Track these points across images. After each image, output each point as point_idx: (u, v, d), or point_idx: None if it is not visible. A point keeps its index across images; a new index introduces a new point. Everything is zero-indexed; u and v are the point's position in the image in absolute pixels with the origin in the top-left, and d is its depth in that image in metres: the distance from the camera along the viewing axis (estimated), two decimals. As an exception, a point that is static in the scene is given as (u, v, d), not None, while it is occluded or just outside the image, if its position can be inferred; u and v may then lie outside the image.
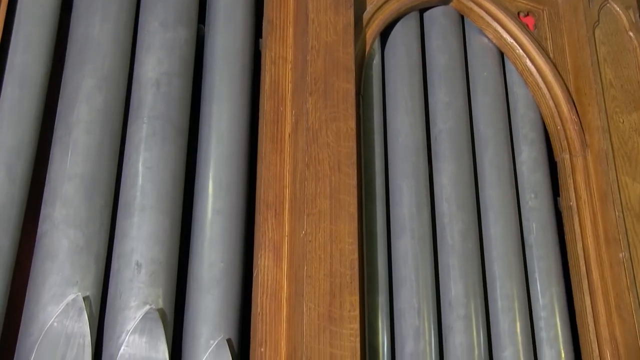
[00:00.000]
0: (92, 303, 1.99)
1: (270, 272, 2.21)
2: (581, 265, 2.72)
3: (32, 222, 2.10)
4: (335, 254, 2.17)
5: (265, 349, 2.11)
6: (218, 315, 2.15)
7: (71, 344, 1.90)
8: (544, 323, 2.65)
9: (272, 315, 2.16)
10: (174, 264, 2.16)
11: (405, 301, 2.44)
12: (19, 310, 1.99)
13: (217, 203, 2.29)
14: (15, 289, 2.01)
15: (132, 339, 1.97)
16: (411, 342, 2.39)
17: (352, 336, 2.08)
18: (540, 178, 2.86)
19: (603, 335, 2.60)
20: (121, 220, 2.15)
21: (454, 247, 2.58)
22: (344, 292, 2.13)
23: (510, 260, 2.65)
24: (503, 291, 2.60)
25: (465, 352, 2.45)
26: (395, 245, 2.53)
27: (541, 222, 2.79)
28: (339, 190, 2.27)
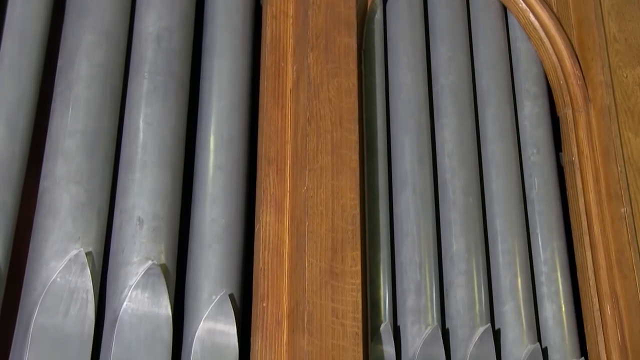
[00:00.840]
0: (95, 259, 2.00)
1: (271, 227, 2.22)
2: (583, 220, 2.72)
3: (34, 178, 2.10)
4: (337, 209, 2.18)
5: (267, 303, 2.12)
6: (220, 271, 2.16)
7: (74, 299, 1.91)
8: (545, 278, 2.66)
9: (274, 270, 2.17)
10: (175, 220, 2.16)
11: (406, 256, 2.45)
12: (22, 266, 2.00)
13: (219, 159, 2.29)
14: (18, 244, 2.01)
15: (134, 294, 1.98)
16: (412, 297, 2.40)
17: (353, 291, 2.09)
18: (542, 133, 2.86)
19: (604, 290, 2.61)
20: (123, 176, 2.15)
21: (456, 203, 2.59)
22: (345, 248, 2.14)
23: (511, 216, 2.66)
24: (504, 246, 2.61)
25: (466, 306, 2.46)
26: (397, 201, 2.53)
27: (543, 177, 2.79)
28: (340, 145, 2.26)
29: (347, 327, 2.04)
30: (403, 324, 2.38)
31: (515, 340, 2.49)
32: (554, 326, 2.60)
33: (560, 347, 2.57)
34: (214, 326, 2.07)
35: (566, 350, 2.57)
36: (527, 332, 2.51)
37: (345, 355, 2.01)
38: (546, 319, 2.61)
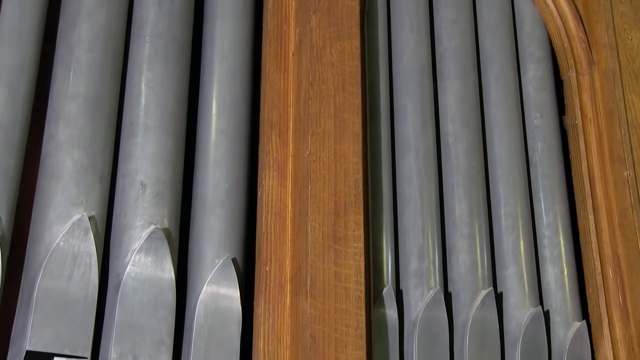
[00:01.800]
0: (98, 223, 2.01)
1: (274, 191, 2.21)
2: (585, 183, 2.72)
3: (36, 142, 2.10)
4: (340, 173, 2.17)
5: (270, 267, 2.13)
6: (223, 235, 2.16)
7: (78, 262, 1.91)
8: (548, 241, 2.67)
9: (277, 234, 2.17)
10: (178, 184, 2.16)
11: (409, 220, 2.45)
12: (26, 230, 2.01)
13: (221, 123, 2.28)
14: (21, 208, 2.01)
15: (137, 258, 1.98)
16: (415, 261, 2.41)
17: (356, 255, 2.10)
18: (546, 97, 2.84)
19: (606, 253, 2.62)
20: (125, 141, 2.15)
21: (459, 166, 2.58)
22: (348, 212, 2.14)
23: (514, 179, 2.65)
24: (507, 210, 2.61)
25: (469, 270, 2.47)
26: (400, 165, 2.53)
27: (546, 140, 2.78)
28: (343, 109, 2.25)
29: (350, 291, 2.05)
30: (406, 287, 2.39)
31: (518, 304, 2.50)
32: (556, 289, 2.61)
33: (562, 310, 2.58)
34: (217, 290, 2.08)
35: (568, 313, 2.58)
36: (529, 295, 2.52)
37: (348, 318, 2.02)
38: (548, 282, 2.62)
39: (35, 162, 2.07)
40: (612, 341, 2.54)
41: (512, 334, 2.46)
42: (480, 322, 2.38)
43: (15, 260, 1.98)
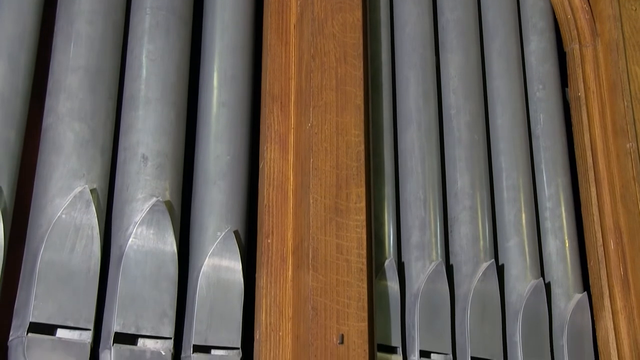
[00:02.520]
0: (100, 195, 2.01)
1: (276, 164, 2.21)
2: (588, 156, 2.72)
3: (37, 115, 2.09)
4: (342, 145, 2.17)
5: (271, 240, 2.13)
6: (225, 207, 2.17)
7: (80, 235, 1.92)
8: (549, 213, 2.67)
9: (279, 207, 2.17)
10: (180, 157, 2.16)
11: (411, 193, 2.45)
12: (28, 202, 2.01)
13: (223, 95, 2.27)
14: (23, 180, 2.01)
15: (140, 231, 1.99)
16: (417, 233, 2.41)
17: (358, 227, 2.10)
18: (548, 69, 2.83)
19: (607, 225, 2.62)
20: (126, 113, 2.14)
21: (461, 139, 2.58)
22: (350, 184, 2.14)
23: (516, 152, 2.65)
24: (509, 182, 2.61)
25: (471, 242, 2.47)
26: (402, 137, 2.53)
27: (549, 113, 2.78)
28: (345, 81, 2.25)
29: (352, 263, 2.06)
30: (407, 259, 2.39)
31: (519, 276, 2.51)
32: (558, 261, 2.61)
33: (563, 281, 2.59)
34: (219, 262, 2.08)
35: (569, 285, 2.59)
36: (531, 267, 2.53)
37: (349, 290, 2.02)
38: (550, 254, 2.63)
39: (36, 134, 2.07)
40: (613, 312, 2.55)
41: (513, 305, 2.47)
42: (481, 294, 2.39)
43: (17, 233, 1.98)
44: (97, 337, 1.93)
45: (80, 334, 1.87)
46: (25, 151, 2.02)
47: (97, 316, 1.92)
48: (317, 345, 1.94)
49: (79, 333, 1.87)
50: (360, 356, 1.97)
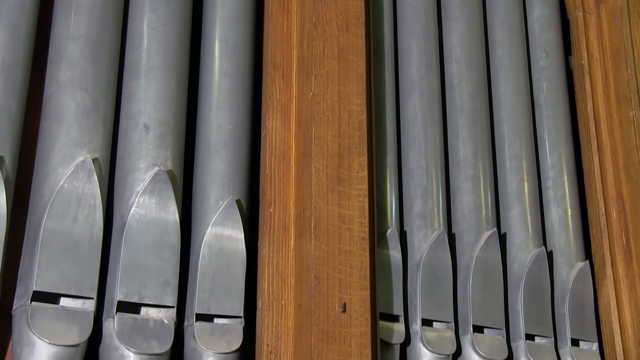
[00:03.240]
0: (102, 165, 2.01)
1: (278, 133, 2.21)
2: (591, 124, 2.71)
3: (39, 84, 2.09)
4: (344, 115, 2.16)
5: (274, 209, 2.13)
6: (227, 177, 2.17)
7: (82, 204, 1.92)
8: (552, 183, 2.67)
9: (281, 176, 2.17)
10: (182, 126, 2.16)
11: (413, 162, 2.45)
12: (30, 171, 2.01)
13: (224, 64, 2.26)
14: (25, 150, 2.01)
15: (142, 200, 1.99)
16: (419, 202, 2.41)
17: (360, 197, 2.10)
18: (552, 37, 2.82)
19: (610, 194, 2.62)
20: (128, 82, 2.13)
21: (463, 108, 2.57)
22: (352, 153, 2.13)
23: (519, 120, 2.65)
24: (511, 151, 2.61)
25: (473, 211, 2.47)
26: (404, 106, 2.52)
27: (552, 81, 2.77)
28: (347, 50, 2.23)
29: (354, 232, 2.06)
30: (409, 229, 2.40)
31: (521, 244, 2.51)
32: (560, 230, 2.62)
33: (565, 250, 2.60)
34: (222, 231, 2.09)
35: (571, 254, 2.59)
36: (533, 236, 2.53)
37: (352, 259, 2.03)
38: (552, 223, 2.63)
39: (37, 103, 2.07)
40: (615, 281, 2.56)
41: (516, 274, 2.48)
42: (483, 263, 2.39)
43: (20, 202, 1.98)
44: (100, 305, 1.93)
45: (83, 303, 1.88)
46: (27, 120, 2.02)
47: (100, 285, 1.92)
48: (320, 314, 1.95)
49: (82, 302, 1.88)
50: (363, 324, 1.98)
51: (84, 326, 1.85)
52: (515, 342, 2.42)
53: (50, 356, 1.79)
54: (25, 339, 1.80)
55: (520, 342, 2.41)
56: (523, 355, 2.40)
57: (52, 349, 1.80)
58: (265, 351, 1.99)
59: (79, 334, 1.84)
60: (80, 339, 1.84)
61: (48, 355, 1.79)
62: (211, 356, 1.99)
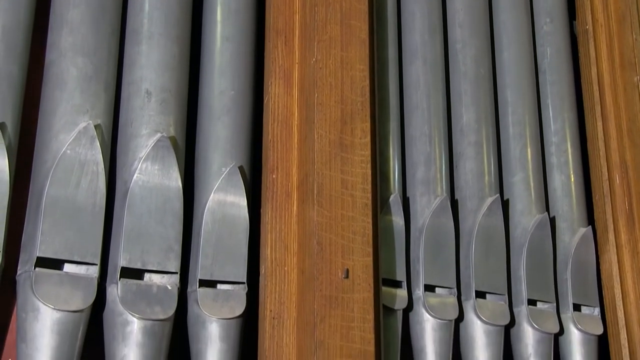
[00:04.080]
0: (104, 131, 2.00)
1: (280, 99, 2.20)
2: (595, 90, 2.70)
3: (40, 49, 2.08)
4: (346, 80, 2.16)
5: (276, 175, 2.13)
6: (229, 143, 2.16)
7: (85, 171, 1.92)
8: (555, 149, 2.66)
9: (284, 142, 2.16)
10: (184, 92, 2.15)
11: (416, 128, 2.44)
12: (32, 137, 2.01)
13: (226, 30, 2.25)
14: (27, 116, 2.01)
15: (144, 167, 1.99)
16: (422, 169, 2.41)
17: (363, 163, 2.10)
18: (556, 1, 2.80)
19: (613, 159, 2.62)
20: (129, 48, 2.12)
21: (467, 73, 2.56)
22: (355, 119, 2.13)
23: (523, 86, 2.63)
24: (515, 117, 2.60)
25: (476, 178, 2.47)
26: (407, 72, 2.51)
27: (556, 46, 2.75)
28: (349, 15, 2.22)
29: (357, 198, 2.06)
30: (412, 195, 2.40)
31: (524, 210, 2.52)
32: (563, 196, 2.62)
33: (568, 216, 2.60)
34: (225, 198, 2.09)
35: (574, 219, 2.60)
36: (536, 202, 2.53)
37: (354, 225, 2.03)
38: (555, 189, 2.63)
39: (39, 69, 2.06)
40: (617, 246, 2.56)
41: (518, 240, 2.48)
42: (486, 229, 2.40)
43: (22, 168, 1.98)
44: (104, 272, 1.94)
45: (87, 269, 1.89)
46: (29, 86, 2.01)
47: (104, 251, 1.93)
48: (322, 280, 1.95)
49: (86, 268, 1.89)
50: (365, 290, 1.99)
51: (87, 292, 1.86)
52: (518, 307, 2.43)
53: (54, 321, 1.80)
54: (29, 305, 1.81)
55: (523, 307, 2.42)
56: (525, 320, 2.41)
57: (56, 315, 1.81)
58: (269, 317, 2.00)
59: (83, 300, 1.85)
60: (84, 304, 1.85)
61: (52, 320, 1.80)
62: (214, 322, 2.00)
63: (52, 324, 1.80)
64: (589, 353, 2.48)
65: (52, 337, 1.79)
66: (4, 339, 1.92)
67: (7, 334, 1.92)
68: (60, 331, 1.80)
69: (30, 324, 1.80)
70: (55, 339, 1.80)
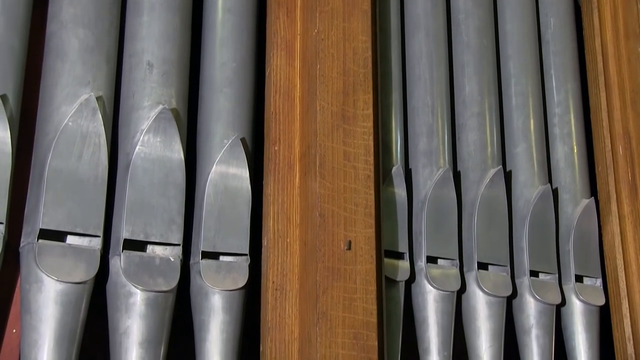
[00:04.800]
0: (106, 103, 2.00)
1: (282, 71, 2.19)
2: (598, 60, 2.69)
3: (41, 21, 2.07)
4: (349, 52, 2.15)
5: (279, 147, 2.13)
6: (231, 115, 2.16)
7: (87, 143, 1.92)
8: (558, 120, 2.66)
9: (286, 114, 2.16)
10: (185, 64, 2.14)
11: (419, 99, 2.44)
12: (34, 109, 2.00)
13: (228, 1, 2.24)
14: (29, 88, 2.00)
15: (146, 139, 1.99)
16: (424, 140, 2.40)
17: (365, 134, 2.09)
18: (559, -29, 2.78)
19: (616, 130, 2.61)
20: (130, 20, 2.11)
21: (469, 44, 2.55)
22: (357, 91, 2.12)
23: (526, 57, 2.62)
24: (518, 88, 2.59)
25: (478, 149, 2.47)
26: (410, 43, 2.50)
27: (559, 16, 2.73)
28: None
29: (359, 170, 2.06)
30: (415, 166, 2.40)
31: (526, 182, 2.51)
32: (565, 167, 2.61)
33: (571, 187, 2.60)
34: (227, 170, 2.09)
35: (576, 191, 2.59)
36: (538, 173, 2.53)
37: (357, 197, 2.03)
38: (558, 160, 2.63)
39: (40, 41, 2.05)
40: (620, 217, 2.56)
41: (521, 211, 2.48)
42: (488, 200, 2.40)
43: (24, 140, 1.98)
44: (107, 244, 1.95)
45: (90, 241, 1.89)
46: (30, 58, 2.01)
47: (106, 223, 1.94)
48: (325, 252, 1.96)
49: (89, 240, 1.89)
50: (368, 262, 1.99)
51: (90, 264, 1.87)
52: (520, 278, 2.44)
53: (58, 293, 1.81)
54: (33, 276, 1.82)
55: (525, 278, 2.43)
56: (527, 291, 2.42)
57: (59, 286, 1.81)
58: (271, 288, 2.01)
59: (86, 272, 1.86)
60: (88, 276, 1.85)
61: (56, 292, 1.81)
62: (217, 293, 2.00)
63: (55, 295, 1.81)
64: (591, 324, 2.49)
65: (55, 308, 1.80)
66: (9, 311, 1.93)
67: (11, 305, 1.93)
68: (63, 302, 1.81)
69: (34, 295, 1.81)
70: (59, 310, 1.80)
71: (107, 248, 1.94)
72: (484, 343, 2.32)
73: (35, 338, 1.79)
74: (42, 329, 1.79)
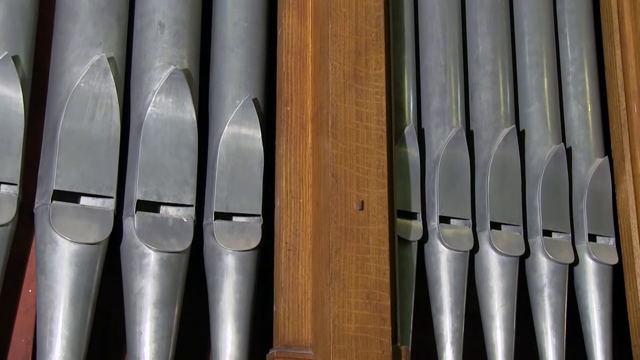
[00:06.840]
0: (117, 64, 1.99)
1: (294, 30, 2.18)
2: (614, 18, 2.66)
3: (51, -19, 2.06)
4: (361, 11, 2.13)
5: (291, 107, 2.12)
6: (243, 75, 2.15)
7: (99, 104, 1.92)
8: (572, 78, 2.64)
9: (298, 74, 2.15)
10: (197, 24, 2.13)
11: (431, 58, 2.42)
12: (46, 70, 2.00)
13: (239, -40, 2.22)
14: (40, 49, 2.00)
15: (158, 99, 1.98)
16: (437, 99, 2.39)
17: (377, 94, 2.09)
18: None
19: (631, 88, 2.59)
20: (141, -21, 2.10)
21: (483, 2, 2.52)
22: (369, 50, 2.11)
23: (540, 15, 2.59)
24: (531, 46, 2.57)
25: (492, 108, 2.46)
26: (422, 1, 2.48)
27: (574, -27, 2.70)
28: (363, -55, 2.18)
29: (372, 130, 2.05)
30: (427, 126, 2.39)
31: (540, 141, 2.50)
32: (579, 126, 2.60)
33: (585, 146, 2.58)
34: (239, 130, 2.09)
35: (590, 150, 2.58)
36: (552, 132, 2.52)
37: (369, 157, 2.03)
38: (571, 119, 2.61)
39: (51, 2, 2.04)
40: (634, 176, 2.55)
41: (534, 170, 2.47)
42: (501, 160, 2.39)
43: (37, 101, 1.98)
44: (120, 204, 1.95)
45: (103, 202, 1.90)
46: (41, 19, 2.00)
47: (120, 184, 1.94)
48: (337, 212, 1.96)
49: (102, 201, 1.90)
50: (380, 222, 1.99)
51: (104, 224, 1.88)
52: (533, 238, 2.44)
53: (72, 253, 1.82)
54: (47, 237, 1.83)
55: (538, 238, 2.43)
56: (540, 251, 2.42)
57: (74, 247, 1.83)
58: (284, 248, 2.02)
59: (100, 232, 1.87)
60: (101, 237, 1.87)
61: (70, 252, 1.82)
62: (230, 254, 2.01)
63: (70, 255, 1.82)
64: (604, 283, 2.49)
65: (70, 268, 1.82)
66: (24, 271, 1.94)
67: (27, 265, 1.94)
68: (78, 263, 1.82)
69: (49, 256, 1.82)
70: (73, 270, 1.82)
71: (120, 209, 1.95)
72: (497, 302, 2.32)
73: (51, 298, 1.81)
74: (58, 288, 1.81)
